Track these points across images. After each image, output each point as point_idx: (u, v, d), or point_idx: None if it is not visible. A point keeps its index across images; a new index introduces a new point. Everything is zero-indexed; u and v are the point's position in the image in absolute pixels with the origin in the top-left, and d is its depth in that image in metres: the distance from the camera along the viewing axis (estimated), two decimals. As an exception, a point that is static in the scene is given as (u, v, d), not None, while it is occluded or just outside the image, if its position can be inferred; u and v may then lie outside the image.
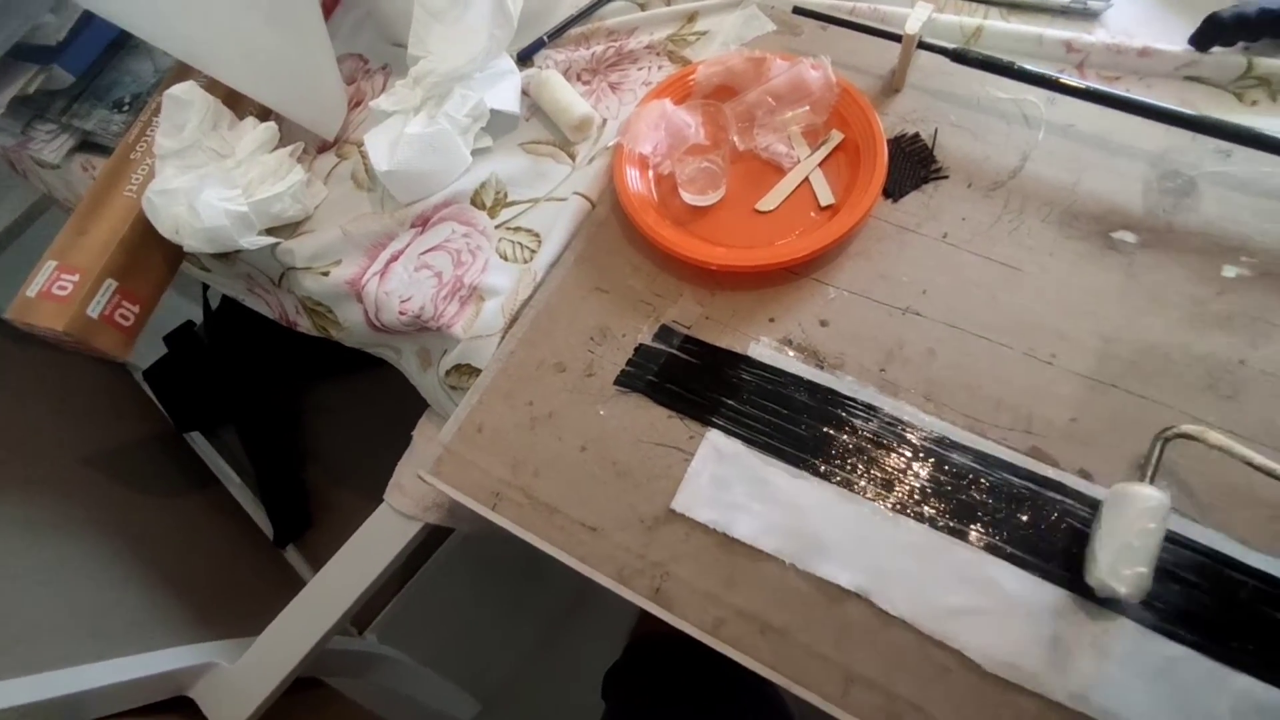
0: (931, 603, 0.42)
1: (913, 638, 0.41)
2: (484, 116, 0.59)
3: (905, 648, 0.41)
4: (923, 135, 0.55)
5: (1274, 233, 0.49)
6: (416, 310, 0.55)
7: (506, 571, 0.98)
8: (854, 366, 0.48)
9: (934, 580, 0.42)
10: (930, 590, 0.42)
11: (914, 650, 0.41)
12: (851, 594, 0.42)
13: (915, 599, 0.42)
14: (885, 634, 0.41)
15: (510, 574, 0.99)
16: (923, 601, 0.42)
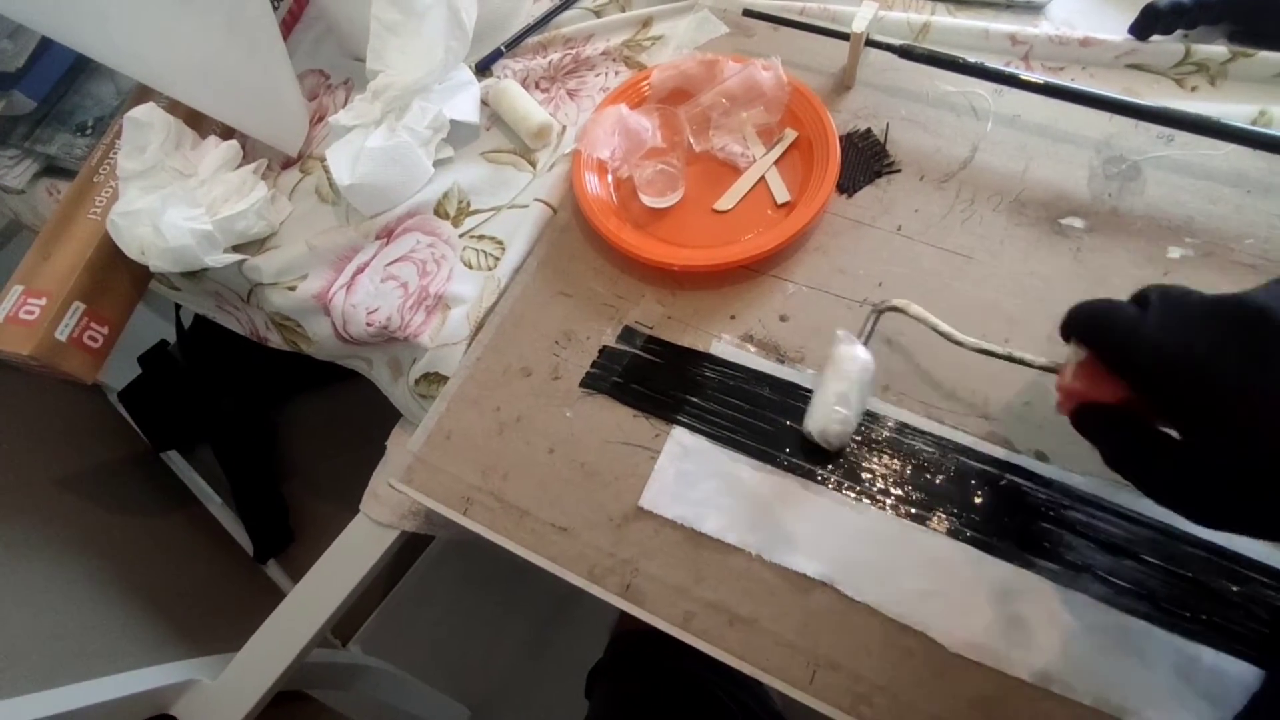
0: (895, 587, 0.43)
1: (878, 622, 0.42)
2: (444, 127, 0.59)
3: (871, 632, 0.42)
4: (875, 130, 0.57)
5: (1216, 213, 0.50)
6: (384, 321, 0.56)
7: (491, 576, 0.98)
8: (814, 359, 0.49)
9: (897, 565, 0.43)
10: (894, 575, 0.43)
11: (879, 635, 0.42)
12: (818, 583, 0.43)
13: (880, 585, 0.43)
14: (851, 620, 0.42)
15: (495, 578, 0.99)
16: (887, 587, 0.43)
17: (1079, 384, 0.38)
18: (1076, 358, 0.38)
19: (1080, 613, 0.41)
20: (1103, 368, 0.37)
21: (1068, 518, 0.43)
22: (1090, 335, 0.37)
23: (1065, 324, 0.39)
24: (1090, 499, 0.43)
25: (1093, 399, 0.37)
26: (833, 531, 0.44)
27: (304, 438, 0.89)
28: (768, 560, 0.44)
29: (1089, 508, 0.43)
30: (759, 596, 0.43)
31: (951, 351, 0.48)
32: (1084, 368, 0.38)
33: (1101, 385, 0.37)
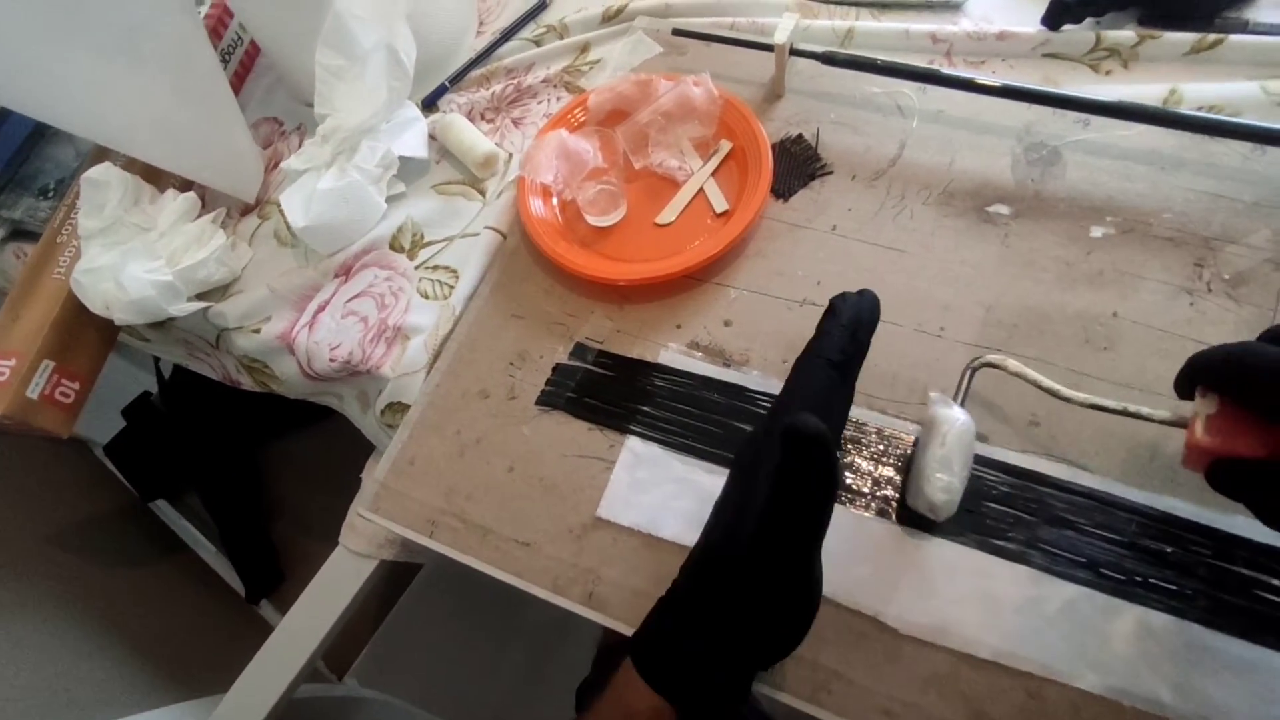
0: (847, 574, 0.44)
1: (832, 610, 0.43)
2: (394, 164, 0.61)
3: (825, 620, 0.43)
4: (806, 135, 0.59)
5: (1133, 191, 0.52)
6: (346, 356, 0.58)
7: (484, 600, 0.99)
8: (759, 361, 0.51)
9: (848, 553, 0.44)
10: (846, 563, 0.44)
11: (833, 621, 0.43)
12: (772, 576, 0.44)
13: (832, 573, 0.44)
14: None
15: (488, 602, 1.00)
16: (839, 575, 0.44)
17: (1214, 439, 0.34)
18: (1207, 409, 0.35)
19: (1025, 585, 0.42)
20: (1241, 418, 0.34)
21: (1009, 494, 0.44)
22: (1230, 383, 0.34)
23: (1189, 375, 0.36)
24: (1028, 474, 0.44)
25: (1229, 453, 0.34)
26: (785, 525, 0.46)
27: (290, 477, 0.90)
28: (724, 558, 0.45)
29: (1027, 482, 0.44)
30: (717, 594, 0.45)
31: (887, 341, 0.49)
32: (1218, 420, 0.35)
33: (1240, 437, 0.34)
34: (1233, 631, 0.39)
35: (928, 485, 0.41)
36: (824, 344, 0.39)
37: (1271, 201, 0.50)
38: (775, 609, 0.36)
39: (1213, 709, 0.38)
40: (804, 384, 0.38)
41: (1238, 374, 0.34)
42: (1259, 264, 0.48)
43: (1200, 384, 0.36)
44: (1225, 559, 0.41)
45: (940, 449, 0.41)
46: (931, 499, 0.41)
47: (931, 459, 0.41)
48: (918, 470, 0.42)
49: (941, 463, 0.41)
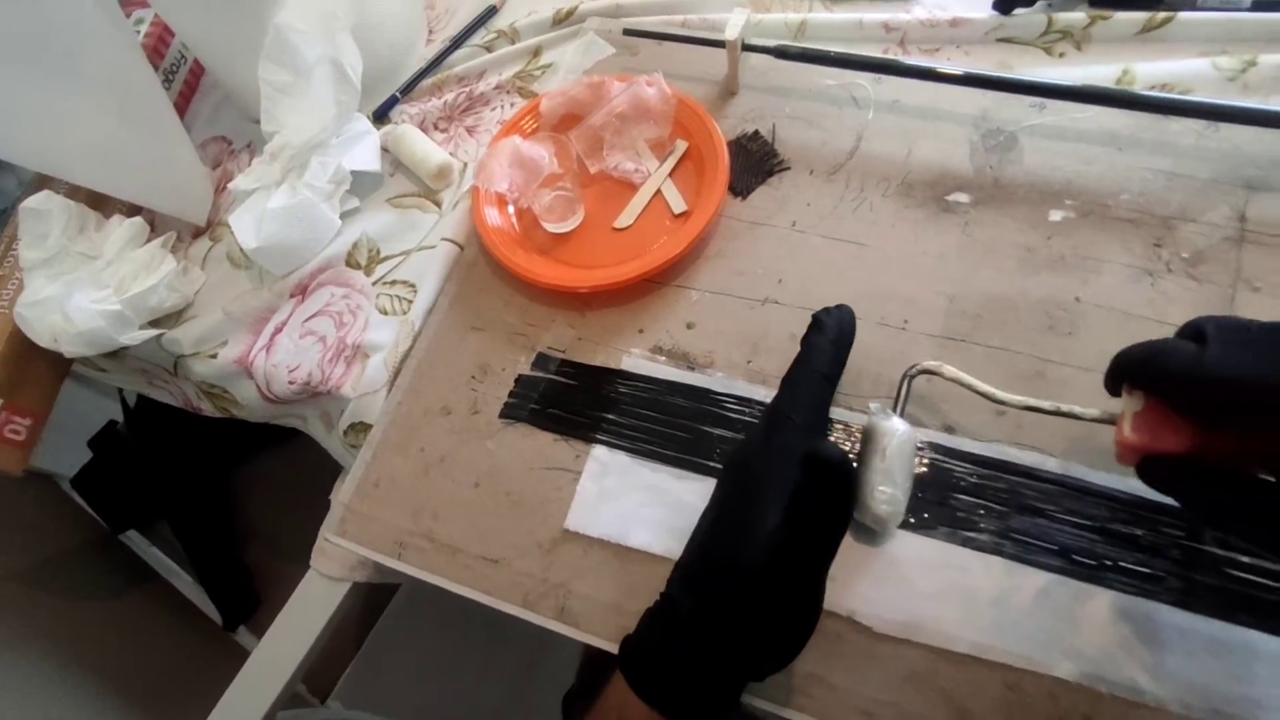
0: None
1: (806, 612, 0.43)
2: (346, 179, 0.60)
3: (800, 623, 0.43)
4: (762, 131, 0.58)
5: (1091, 173, 0.52)
6: (305, 378, 0.56)
7: (466, 615, 0.97)
8: (723, 363, 0.50)
9: (820, 554, 0.44)
10: (818, 564, 0.44)
11: (808, 624, 0.42)
12: (745, 581, 0.44)
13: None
14: (779, 613, 0.43)
15: (470, 616, 0.98)
16: (812, 576, 0.43)
17: (1140, 436, 0.34)
18: (1133, 407, 0.35)
19: (999, 576, 0.42)
20: (1165, 414, 0.34)
21: (978, 485, 0.44)
22: (1149, 380, 0.35)
23: (1114, 373, 0.36)
24: (996, 463, 0.44)
25: (1159, 450, 0.34)
26: (756, 529, 0.45)
27: (261, 499, 0.89)
28: (696, 565, 0.45)
29: (996, 472, 0.44)
30: (690, 602, 0.44)
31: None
32: (1144, 417, 0.35)
33: (1165, 434, 0.34)
34: (1206, 611, 0.39)
35: (871, 499, 0.40)
36: (817, 358, 0.40)
37: (1226, 178, 0.50)
38: (779, 625, 0.36)
39: (1188, 690, 0.37)
40: (803, 396, 0.39)
41: (1153, 373, 0.34)
42: (1217, 242, 0.48)
43: (1124, 382, 0.36)
44: (1196, 539, 0.41)
45: (881, 461, 0.41)
46: (875, 512, 0.40)
47: (874, 472, 0.41)
48: (860, 484, 0.41)
49: (884, 475, 0.41)
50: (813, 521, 0.35)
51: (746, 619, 0.35)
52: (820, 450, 0.35)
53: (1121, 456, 0.36)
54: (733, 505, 0.38)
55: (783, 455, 0.37)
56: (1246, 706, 0.37)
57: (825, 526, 0.35)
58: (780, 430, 0.38)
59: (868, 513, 0.41)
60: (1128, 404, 0.36)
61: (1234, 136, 0.51)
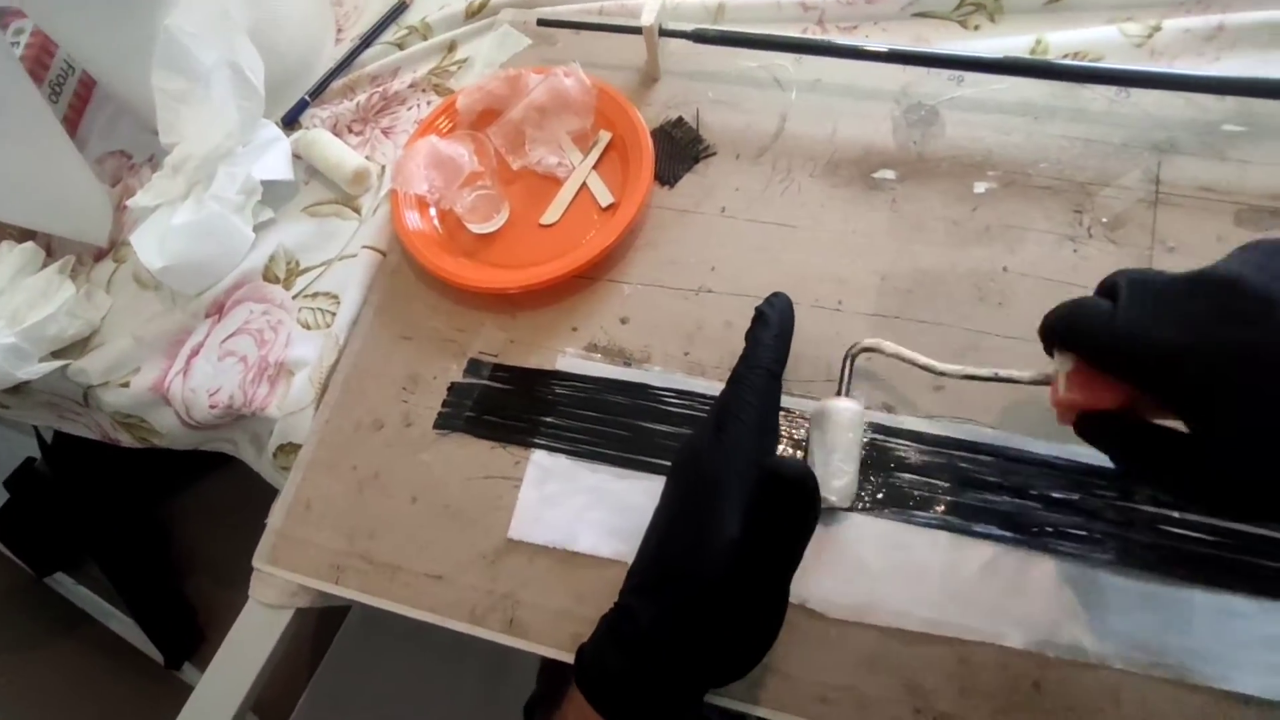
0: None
1: (757, 603, 0.42)
2: (257, 190, 0.57)
3: (752, 615, 0.42)
4: (686, 118, 0.57)
5: (1011, 143, 0.52)
6: (227, 401, 0.54)
7: (423, 630, 0.95)
8: (660, 356, 0.49)
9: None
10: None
11: (760, 615, 0.42)
12: (695, 576, 0.43)
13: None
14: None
15: (428, 631, 0.96)
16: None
17: (1074, 394, 0.35)
18: (1065, 367, 0.35)
19: (944, 551, 0.42)
20: (1094, 372, 0.34)
21: (920, 462, 0.44)
22: (1070, 338, 0.35)
23: (1043, 334, 0.37)
24: (936, 439, 0.44)
25: (1092, 407, 0.34)
26: (702, 523, 0.44)
27: (199, 528, 0.85)
28: (644, 565, 0.44)
29: (937, 448, 0.44)
30: (640, 603, 0.43)
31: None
32: (1075, 376, 0.35)
33: (1097, 391, 0.34)
34: (1142, 569, 0.40)
35: (823, 476, 0.41)
36: (762, 354, 0.40)
37: (1138, 142, 0.51)
38: (741, 636, 0.35)
39: (1130, 646, 0.38)
40: (750, 395, 0.39)
41: (1071, 333, 0.35)
42: (1133, 204, 0.49)
43: (1054, 343, 0.36)
44: (1129, 499, 0.41)
45: (830, 438, 0.42)
46: (829, 487, 0.41)
47: (824, 450, 0.42)
48: (812, 464, 0.42)
49: (834, 453, 0.41)
50: (774, 533, 0.34)
51: (708, 632, 0.34)
52: (779, 467, 0.34)
53: (1060, 416, 0.37)
54: (687, 511, 0.37)
55: (735, 458, 0.36)
56: (1184, 656, 0.38)
57: (787, 538, 0.35)
58: (729, 431, 0.37)
59: (822, 489, 0.40)
60: (1059, 363, 0.36)
61: (1142, 101, 0.52)
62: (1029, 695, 0.38)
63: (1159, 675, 0.38)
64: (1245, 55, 0.52)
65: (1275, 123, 0.50)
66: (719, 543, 0.34)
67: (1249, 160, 0.49)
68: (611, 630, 0.36)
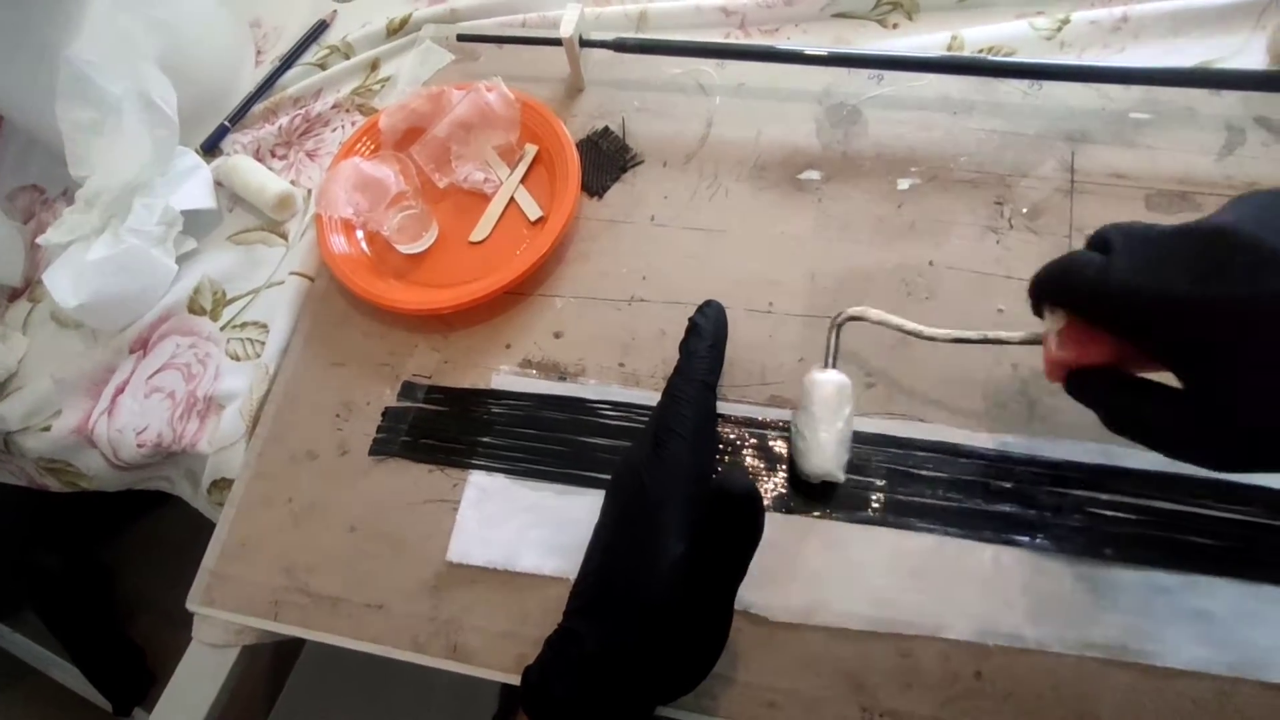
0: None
1: (702, 612, 0.42)
2: (177, 220, 0.56)
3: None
4: (613, 127, 0.57)
5: (932, 139, 0.53)
6: (155, 439, 0.52)
7: (381, 657, 0.93)
8: (595, 369, 0.49)
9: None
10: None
11: (705, 623, 0.42)
12: (639, 588, 0.43)
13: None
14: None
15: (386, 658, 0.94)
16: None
17: (1067, 352, 0.35)
18: (1056, 325, 0.35)
19: (883, 547, 0.42)
20: (1085, 328, 0.34)
21: (855, 460, 0.44)
22: (1061, 295, 0.35)
23: (1033, 293, 0.36)
24: (872, 437, 0.44)
25: (1083, 364, 0.35)
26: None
27: (144, 566, 0.82)
28: (587, 581, 0.44)
29: (873, 446, 0.44)
30: (585, 620, 0.43)
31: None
32: (1067, 333, 0.35)
33: (1089, 347, 0.34)
34: (1073, 551, 0.40)
35: (813, 452, 0.41)
36: (696, 366, 0.40)
37: (1051, 133, 0.52)
38: (687, 653, 0.35)
39: (1065, 629, 0.39)
40: (686, 408, 0.39)
41: (1062, 289, 0.34)
42: (1050, 194, 0.50)
43: (1044, 301, 0.36)
44: (1060, 484, 0.42)
45: (820, 411, 0.41)
46: (820, 465, 0.41)
47: (816, 423, 0.41)
48: (801, 439, 0.42)
49: (818, 424, 0.41)
50: (719, 551, 0.34)
51: (654, 652, 0.34)
52: (724, 483, 0.34)
53: (1050, 373, 0.37)
54: (628, 530, 0.36)
55: (674, 474, 0.36)
56: (1116, 635, 0.38)
57: (734, 554, 0.35)
58: (667, 446, 0.37)
59: (812, 466, 0.41)
60: (1050, 322, 0.36)
61: (1054, 92, 0.53)
62: (971, 685, 0.39)
63: (1093, 656, 0.38)
64: (1149, 45, 0.54)
65: (1178, 110, 0.51)
66: (662, 561, 0.34)
67: (1156, 146, 0.50)
68: (556, 654, 0.36)
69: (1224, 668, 0.38)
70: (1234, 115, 0.50)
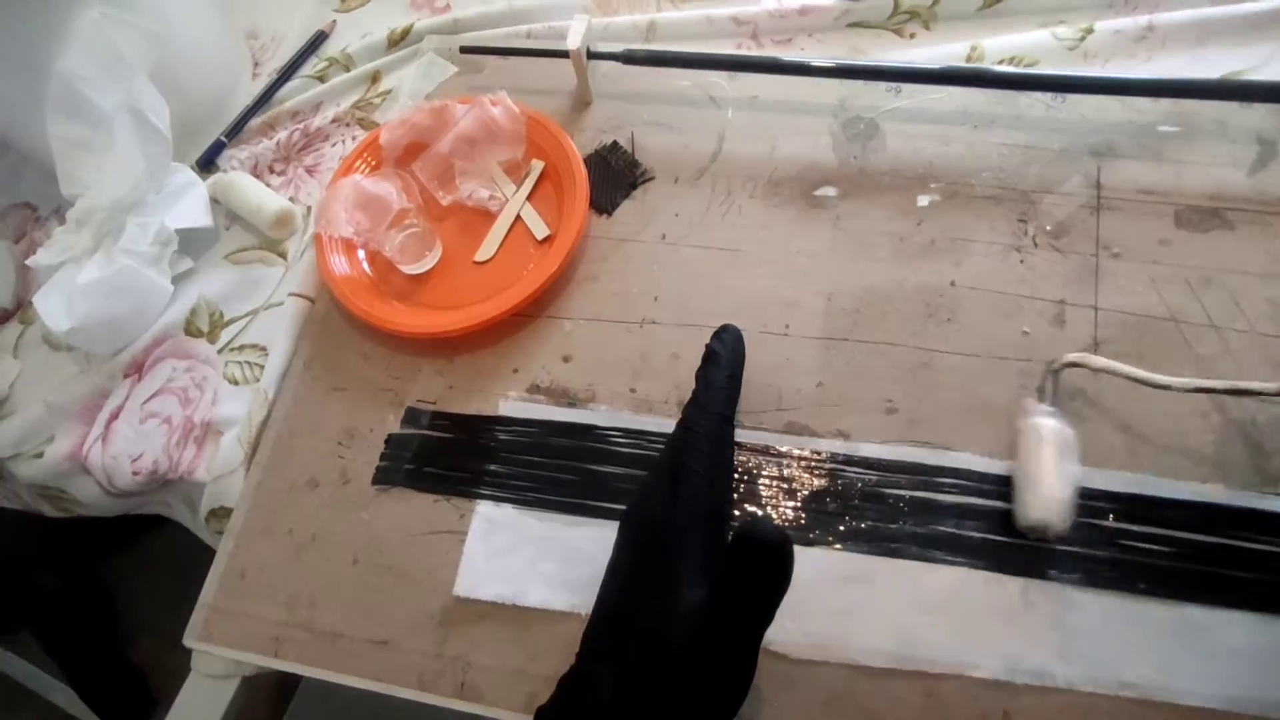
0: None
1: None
2: (172, 240, 0.54)
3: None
4: (621, 142, 0.55)
5: (951, 154, 0.52)
6: (151, 466, 0.50)
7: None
8: (605, 394, 0.47)
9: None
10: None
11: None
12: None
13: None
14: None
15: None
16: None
17: None
18: None
19: (907, 581, 0.40)
20: None
21: (875, 490, 0.42)
22: None
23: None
24: (892, 464, 0.43)
25: None
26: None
27: (146, 587, 0.81)
28: (599, 617, 0.42)
29: (891, 474, 0.43)
30: (597, 658, 0.41)
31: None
32: None
33: None
34: (1104, 585, 0.39)
35: (1041, 499, 0.38)
36: (714, 397, 0.39)
37: (1077, 147, 0.50)
38: (710, 699, 0.33)
39: (1097, 667, 0.37)
40: (703, 443, 0.37)
41: None
42: (1075, 210, 0.48)
43: None
44: (1091, 515, 0.40)
45: (1037, 457, 0.39)
46: (1048, 519, 0.38)
47: (1030, 470, 0.39)
48: (1021, 487, 0.40)
49: (1041, 472, 0.39)
50: (745, 598, 0.32)
51: (672, 701, 0.32)
52: (752, 531, 0.32)
53: None
54: (644, 571, 0.35)
55: (691, 513, 0.35)
56: (1149, 674, 0.37)
57: (760, 601, 0.33)
58: (684, 483, 0.35)
59: (1032, 518, 0.39)
60: None
61: (1079, 105, 0.52)
62: (1000, 727, 0.37)
63: (1126, 696, 0.37)
64: (1176, 54, 0.52)
65: (1207, 122, 0.50)
66: (681, 606, 0.32)
67: (1184, 160, 0.49)
68: (571, 699, 0.34)
69: (1260, 708, 0.36)
70: (1266, 128, 0.49)
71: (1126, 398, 0.42)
